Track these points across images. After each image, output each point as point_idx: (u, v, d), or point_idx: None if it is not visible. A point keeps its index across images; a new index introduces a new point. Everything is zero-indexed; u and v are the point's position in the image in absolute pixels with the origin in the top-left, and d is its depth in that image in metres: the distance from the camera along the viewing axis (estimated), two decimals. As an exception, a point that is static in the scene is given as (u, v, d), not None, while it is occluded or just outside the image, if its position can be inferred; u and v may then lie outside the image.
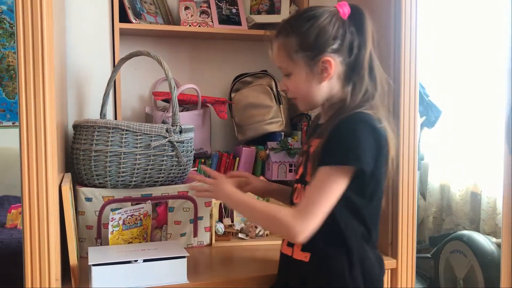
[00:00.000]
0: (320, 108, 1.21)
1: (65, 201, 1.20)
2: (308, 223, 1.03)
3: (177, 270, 1.23)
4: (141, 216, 1.41)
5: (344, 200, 1.07)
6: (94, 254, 1.23)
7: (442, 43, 2.65)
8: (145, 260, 1.20)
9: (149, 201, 1.44)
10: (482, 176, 2.48)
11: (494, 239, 2.24)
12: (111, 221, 1.35)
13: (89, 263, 1.17)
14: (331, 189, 1.04)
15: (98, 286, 1.17)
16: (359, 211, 1.10)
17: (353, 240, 1.09)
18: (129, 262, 1.19)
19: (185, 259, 1.23)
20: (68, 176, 1.35)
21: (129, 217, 1.39)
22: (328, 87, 1.13)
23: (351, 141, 1.04)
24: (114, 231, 1.36)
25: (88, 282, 1.19)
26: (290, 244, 1.16)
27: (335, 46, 1.09)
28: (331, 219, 1.07)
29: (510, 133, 1.72)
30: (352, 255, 1.09)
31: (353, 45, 1.10)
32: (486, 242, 2.19)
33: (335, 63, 1.10)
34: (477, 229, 2.45)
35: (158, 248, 1.28)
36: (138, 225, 1.41)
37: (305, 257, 1.11)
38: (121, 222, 1.37)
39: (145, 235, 1.42)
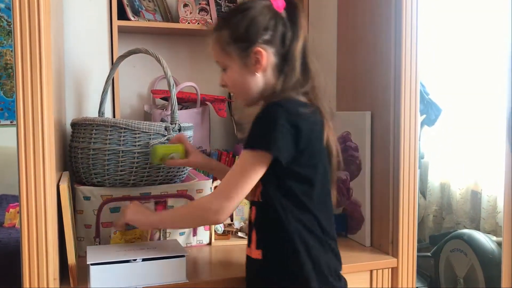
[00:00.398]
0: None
1: (63, 200, 1.19)
2: (223, 202, 1.06)
3: (177, 269, 1.22)
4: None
5: (283, 188, 1.07)
6: (93, 253, 1.22)
7: (443, 42, 2.64)
8: (144, 259, 1.19)
9: (152, 199, 1.43)
10: (482, 174, 2.47)
11: (494, 238, 2.24)
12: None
13: (87, 262, 1.16)
14: (246, 173, 1.06)
15: (96, 285, 1.16)
16: (300, 199, 1.08)
17: (297, 231, 1.07)
18: (128, 261, 1.18)
19: (184, 258, 1.22)
20: (66, 175, 1.34)
21: None
22: (262, 79, 1.12)
23: (266, 127, 1.04)
24: (117, 232, 1.35)
25: (87, 281, 1.18)
26: (248, 243, 1.16)
27: (266, 37, 1.10)
28: (273, 211, 1.08)
29: (511, 132, 1.71)
30: (298, 246, 1.07)
31: (285, 37, 1.10)
32: (486, 241, 2.18)
33: (267, 54, 1.10)
34: (478, 228, 2.44)
35: (157, 247, 1.27)
36: None
37: (259, 254, 1.11)
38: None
39: (147, 235, 1.41)
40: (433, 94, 2.57)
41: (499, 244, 2.19)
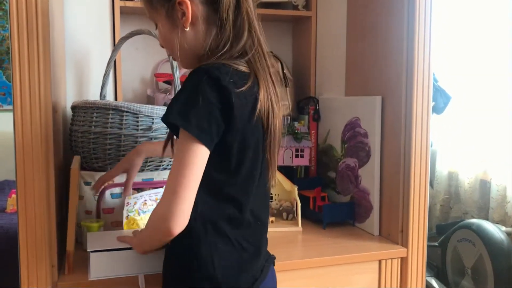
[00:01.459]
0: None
1: (72, 184, 1.15)
2: (171, 207, 0.87)
3: None
4: (157, 201, 1.35)
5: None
6: (93, 240, 1.19)
7: (452, 27, 2.58)
8: None
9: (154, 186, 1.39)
10: (491, 163, 2.42)
11: (504, 228, 2.20)
12: (126, 205, 1.31)
13: (87, 250, 1.13)
14: (185, 158, 0.89)
15: (96, 272, 1.13)
16: (214, 186, 0.95)
17: (202, 223, 0.94)
18: (128, 248, 1.14)
19: None
20: (77, 159, 1.30)
21: (144, 201, 1.34)
22: (193, 34, 0.98)
23: (180, 96, 0.90)
24: (129, 216, 1.32)
25: (86, 267, 1.15)
26: None
27: None
28: (211, 190, 0.95)
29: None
30: (199, 242, 0.94)
31: None
32: (495, 231, 2.14)
33: (193, 4, 0.96)
34: (486, 218, 2.40)
35: None
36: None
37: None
38: (137, 206, 1.33)
39: None
40: (442, 81, 2.51)
41: (508, 234, 2.15)
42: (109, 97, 1.63)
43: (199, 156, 0.89)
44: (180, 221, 0.88)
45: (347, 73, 1.69)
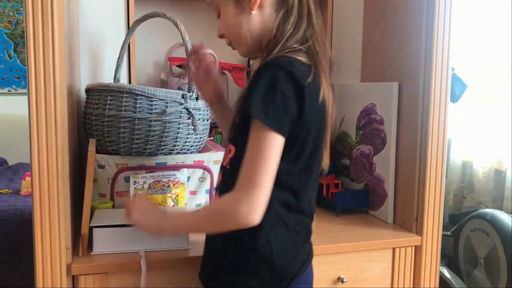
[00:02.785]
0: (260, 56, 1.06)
1: (89, 166, 1.14)
2: (255, 201, 0.87)
3: (179, 236, 1.21)
4: (170, 183, 1.36)
5: None
6: (99, 217, 1.21)
7: (471, 15, 2.52)
8: None
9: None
10: (507, 153, 2.39)
11: (519, 218, 2.17)
12: (134, 184, 1.33)
13: (90, 225, 1.15)
14: (264, 149, 0.88)
15: (99, 248, 1.17)
16: (278, 176, 0.92)
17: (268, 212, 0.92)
18: (130, 225, 1.15)
19: None
20: (93, 142, 1.30)
21: (155, 182, 1.35)
22: (259, 19, 0.98)
23: (263, 92, 0.89)
24: (136, 194, 1.34)
25: (92, 244, 1.18)
26: None
27: None
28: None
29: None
30: (258, 226, 0.90)
31: None
32: (510, 221, 2.12)
33: None
34: (500, 208, 2.37)
35: None
36: (165, 191, 1.36)
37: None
38: (146, 186, 1.34)
39: (173, 204, 1.38)
40: (457, 69, 2.47)
41: (523, 225, 2.12)
42: (123, 80, 1.62)
43: (278, 149, 0.90)
44: (262, 213, 0.88)
45: (363, 58, 1.66)
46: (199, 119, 1.40)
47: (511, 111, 2.35)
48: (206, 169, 1.44)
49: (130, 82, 1.67)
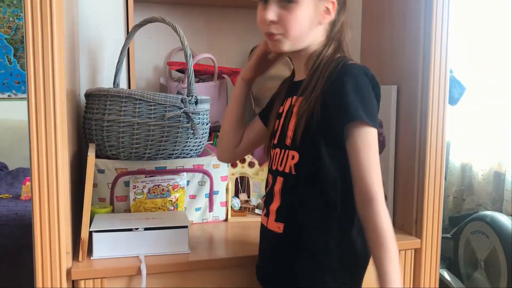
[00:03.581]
0: (293, 62, 1.11)
1: (88, 171, 1.15)
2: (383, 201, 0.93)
3: (179, 240, 1.21)
4: (170, 187, 1.37)
5: (330, 163, 0.98)
6: (98, 221, 1.22)
7: (470, 17, 2.53)
8: (146, 229, 1.18)
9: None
10: (506, 155, 2.39)
11: (518, 221, 2.17)
12: (133, 188, 1.34)
13: (90, 229, 1.15)
14: (376, 151, 0.95)
15: (98, 252, 1.17)
16: (346, 175, 0.97)
17: (345, 211, 0.99)
18: (130, 229, 1.17)
19: (187, 229, 1.21)
20: (93, 147, 1.31)
21: (155, 186, 1.36)
22: (319, 31, 1.04)
23: (362, 96, 0.95)
24: (136, 199, 1.34)
25: (91, 248, 1.18)
26: (266, 214, 1.09)
27: None
28: (312, 188, 0.99)
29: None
30: (332, 228, 0.99)
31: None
32: (510, 223, 2.12)
33: (335, 6, 1.03)
34: (500, 210, 2.38)
35: (163, 218, 1.26)
36: (165, 195, 1.37)
37: (278, 227, 1.04)
38: (145, 190, 1.35)
39: (172, 207, 1.39)
40: (456, 71, 2.48)
41: (523, 227, 2.12)
42: (122, 85, 1.63)
43: None
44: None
45: (361, 62, 1.66)
46: (198, 123, 1.41)
47: (511, 113, 2.36)
48: (206, 173, 1.44)
49: (129, 87, 1.67)
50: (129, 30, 1.58)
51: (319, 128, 0.98)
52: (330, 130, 0.97)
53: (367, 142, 0.94)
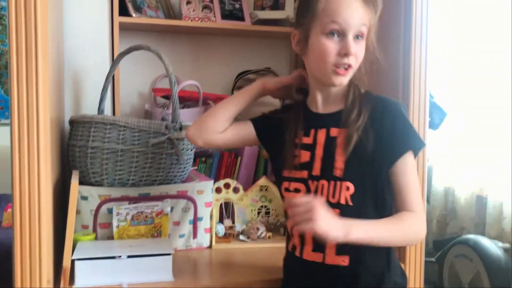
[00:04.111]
0: (321, 94, 1.11)
1: (71, 198, 1.15)
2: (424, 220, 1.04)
3: (162, 268, 1.19)
4: (153, 214, 1.37)
5: (379, 193, 1.04)
6: (81, 249, 1.20)
7: (448, 43, 2.60)
8: (129, 256, 1.17)
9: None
10: (487, 179, 2.43)
11: (500, 244, 2.19)
12: (117, 215, 1.34)
13: (72, 257, 1.14)
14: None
15: (81, 281, 1.15)
16: (389, 204, 1.07)
17: None
18: (112, 257, 1.16)
19: (171, 257, 1.20)
20: (76, 173, 1.30)
21: (138, 213, 1.35)
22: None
23: (410, 125, 1.06)
24: (119, 226, 1.34)
25: (74, 276, 1.16)
26: (319, 249, 1.05)
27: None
28: (382, 211, 1.04)
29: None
30: (390, 249, 1.08)
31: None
32: (492, 247, 2.14)
33: None
34: (482, 233, 2.40)
35: (146, 245, 1.25)
36: (148, 222, 1.37)
37: (342, 260, 1.03)
38: (129, 217, 1.35)
39: (156, 234, 1.38)
40: (437, 97, 2.53)
41: (505, 250, 2.15)
42: (107, 111, 1.63)
43: None
44: None
45: (343, 89, 1.69)
46: (182, 149, 1.42)
47: (491, 138, 2.40)
48: (190, 199, 1.44)
49: (114, 113, 1.68)
50: (114, 57, 1.59)
51: (372, 157, 1.02)
52: (383, 159, 1.03)
53: (413, 167, 1.04)
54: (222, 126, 1.20)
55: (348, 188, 1.03)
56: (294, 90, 1.20)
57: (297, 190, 1.09)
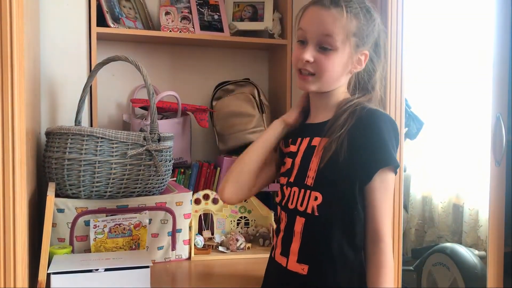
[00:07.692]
0: (311, 103, 1.14)
1: (47, 211, 1.13)
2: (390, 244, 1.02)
3: (140, 280, 1.19)
4: (131, 226, 1.36)
5: (350, 205, 1.01)
6: (57, 263, 1.19)
7: (424, 51, 2.65)
8: (106, 269, 1.16)
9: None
10: (464, 187, 2.47)
11: (476, 252, 2.23)
12: (94, 228, 1.32)
13: (48, 271, 1.12)
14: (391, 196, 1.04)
15: None
16: (360, 216, 1.03)
17: (361, 250, 1.03)
18: (89, 271, 1.15)
19: (149, 269, 1.19)
20: (52, 186, 1.28)
21: (116, 225, 1.34)
22: (347, 79, 1.10)
23: (385, 142, 1.01)
24: (96, 238, 1.32)
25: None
26: (284, 253, 1.07)
27: (373, 45, 1.09)
28: (331, 228, 1.01)
29: (496, 145, 1.71)
30: (356, 266, 1.02)
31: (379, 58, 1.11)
32: (469, 255, 2.18)
33: (366, 60, 1.08)
34: (459, 241, 2.44)
35: (124, 258, 1.24)
36: (126, 235, 1.36)
37: (302, 269, 1.04)
38: (106, 230, 1.33)
39: (134, 246, 1.37)
40: (414, 106, 2.57)
41: (481, 258, 2.18)
42: (84, 122, 1.62)
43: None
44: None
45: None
46: (161, 161, 1.41)
47: (465, 147, 2.45)
48: (168, 210, 1.43)
49: (91, 124, 1.66)
50: (92, 68, 1.58)
51: (344, 170, 1.00)
52: (355, 172, 1.00)
53: (387, 185, 1.01)
54: (254, 180, 1.18)
55: (316, 198, 1.03)
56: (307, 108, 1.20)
57: (277, 195, 1.14)
